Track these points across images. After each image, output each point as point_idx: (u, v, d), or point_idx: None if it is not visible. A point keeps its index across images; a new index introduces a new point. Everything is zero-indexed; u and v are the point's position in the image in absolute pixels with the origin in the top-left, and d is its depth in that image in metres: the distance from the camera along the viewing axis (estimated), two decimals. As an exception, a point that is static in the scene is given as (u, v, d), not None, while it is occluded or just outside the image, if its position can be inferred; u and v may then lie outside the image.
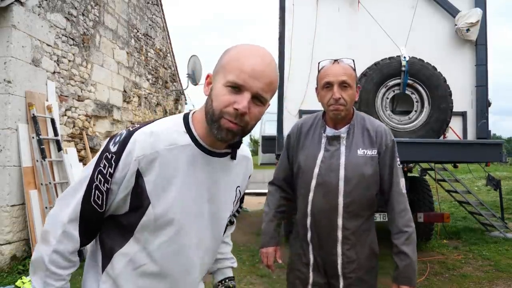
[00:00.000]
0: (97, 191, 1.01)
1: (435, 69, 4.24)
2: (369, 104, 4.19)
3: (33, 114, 4.76)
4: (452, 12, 4.39)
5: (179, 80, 10.42)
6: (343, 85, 1.70)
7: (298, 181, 1.86)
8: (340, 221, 1.72)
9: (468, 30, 4.29)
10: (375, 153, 1.73)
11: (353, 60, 1.79)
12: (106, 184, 1.00)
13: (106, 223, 1.07)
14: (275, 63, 1.04)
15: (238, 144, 1.12)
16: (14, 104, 4.58)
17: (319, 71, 1.81)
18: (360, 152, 1.73)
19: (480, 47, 4.40)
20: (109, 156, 1.00)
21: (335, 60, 1.75)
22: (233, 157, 1.13)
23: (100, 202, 1.02)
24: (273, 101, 4.67)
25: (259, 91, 0.98)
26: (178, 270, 1.09)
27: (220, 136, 1.00)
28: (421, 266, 4.97)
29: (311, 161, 1.78)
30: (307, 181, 1.78)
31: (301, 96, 4.32)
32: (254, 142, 34.02)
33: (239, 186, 1.21)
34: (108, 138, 1.05)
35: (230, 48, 1.06)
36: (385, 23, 4.36)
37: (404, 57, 4.20)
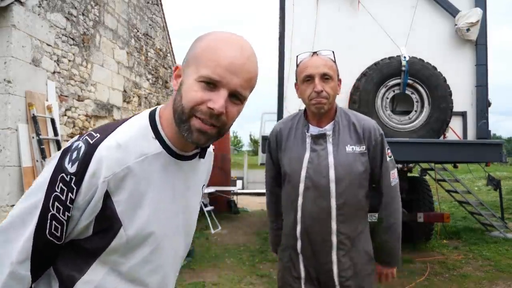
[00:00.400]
0: (54, 222, 0.83)
1: (435, 69, 4.24)
2: (369, 104, 4.19)
3: (33, 114, 4.76)
4: (452, 12, 4.39)
5: (179, 80, 10.42)
6: (325, 77, 1.61)
7: (284, 187, 1.74)
8: (334, 225, 1.62)
9: (468, 30, 4.28)
10: (364, 149, 1.64)
11: (333, 52, 1.69)
12: (66, 213, 0.83)
13: (63, 249, 0.90)
14: (255, 56, 0.90)
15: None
16: (14, 104, 4.58)
17: (297, 65, 1.72)
18: (348, 149, 1.63)
19: (480, 47, 4.39)
20: (67, 178, 0.82)
21: (314, 53, 1.67)
22: (202, 156, 1.03)
23: (59, 234, 0.84)
24: (273, 101, 4.67)
25: (237, 88, 0.85)
26: (154, 287, 0.98)
27: (191, 139, 0.87)
28: (421, 266, 4.98)
29: (297, 164, 1.66)
30: (295, 186, 1.66)
31: (301, 96, 4.32)
32: (254, 142, 34.07)
33: (204, 185, 1.12)
34: (60, 153, 0.86)
35: (204, 36, 0.90)
36: (385, 23, 4.36)
37: (404, 57, 4.19)
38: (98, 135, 0.86)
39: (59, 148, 5.11)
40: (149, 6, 8.60)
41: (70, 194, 0.82)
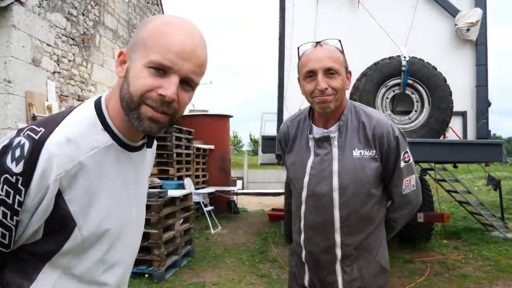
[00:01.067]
0: (0, 229, 0.76)
1: (435, 69, 4.24)
2: (369, 104, 4.17)
3: (33, 114, 4.76)
4: (452, 12, 4.40)
5: (179, 80, 10.42)
6: (330, 72, 1.39)
7: (292, 191, 1.61)
8: (338, 238, 1.46)
9: (468, 30, 4.29)
10: (374, 153, 1.44)
11: (340, 41, 1.46)
12: (15, 217, 0.76)
13: (10, 256, 0.83)
14: (205, 41, 0.87)
15: None
16: (14, 104, 4.58)
17: (300, 58, 1.50)
18: (356, 153, 1.43)
19: (480, 47, 4.40)
20: (12, 179, 0.74)
21: (318, 43, 1.44)
22: (150, 145, 0.98)
23: (6, 242, 0.77)
24: (273, 101, 4.67)
25: (189, 75, 0.82)
26: (114, 284, 0.94)
27: (142, 128, 0.83)
28: (421, 266, 4.98)
29: (300, 169, 1.51)
30: (299, 192, 1.53)
31: (302, 96, 4.32)
32: (254, 142, 34.06)
33: (149, 175, 1.08)
34: None
35: (151, 19, 0.85)
36: (385, 23, 4.37)
37: (404, 57, 4.20)
38: (43, 130, 0.79)
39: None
40: (149, 6, 8.60)
41: (17, 196, 0.75)
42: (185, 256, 5.12)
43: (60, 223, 0.80)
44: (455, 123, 4.40)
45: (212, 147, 9.25)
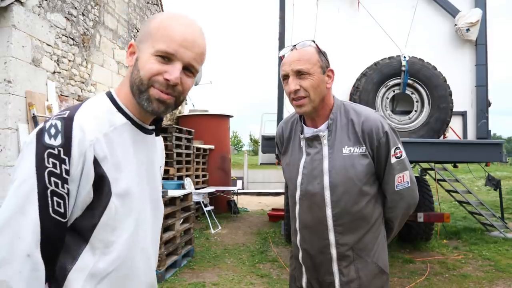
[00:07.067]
0: (55, 198, 0.83)
1: (435, 69, 4.24)
2: (369, 104, 4.19)
3: (33, 114, 4.76)
4: (452, 12, 4.40)
5: (179, 80, 10.42)
6: (300, 73, 1.42)
7: (288, 193, 1.63)
8: (332, 237, 1.46)
9: (468, 30, 4.29)
10: (365, 150, 1.44)
11: (313, 41, 1.47)
12: (65, 185, 0.84)
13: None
14: (204, 33, 0.97)
15: (162, 119, 1.06)
16: (14, 104, 4.58)
17: None
18: (345, 151, 1.44)
19: (480, 47, 4.40)
20: (55, 152, 0.83)
21: (294, 46, 1.47)
22: (158, 133, 1.06)
23: (62, 210, 0.84)
24: (273, 101, 4.67)
25: (191, 61, 0.93)
26: (143, 267, 0.99)
27: (151, 108, 0.93)
28: (421, 266, 4.98)
29: (294, 169, 1.54)
30: (293, 193, 1.55)
31: (301, 96, 4.32)
32: (254, 142, 34.07)
33: (161, 166, 1.14)
34: (34, 134, 0.86)
35: (155, 16, 0.97)
36: (385, 23, 4.37)
37: (404, 57, 4.20)
38: (68, 112, 0.89)
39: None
40: (149, 6, 8.60)
41: (63, 165, 0.83)
42: (185, 256, 5.12)
43: (100, 193, 0.88)
44: (455, 123, 4.40)
45: (212, 147, 9.25)
